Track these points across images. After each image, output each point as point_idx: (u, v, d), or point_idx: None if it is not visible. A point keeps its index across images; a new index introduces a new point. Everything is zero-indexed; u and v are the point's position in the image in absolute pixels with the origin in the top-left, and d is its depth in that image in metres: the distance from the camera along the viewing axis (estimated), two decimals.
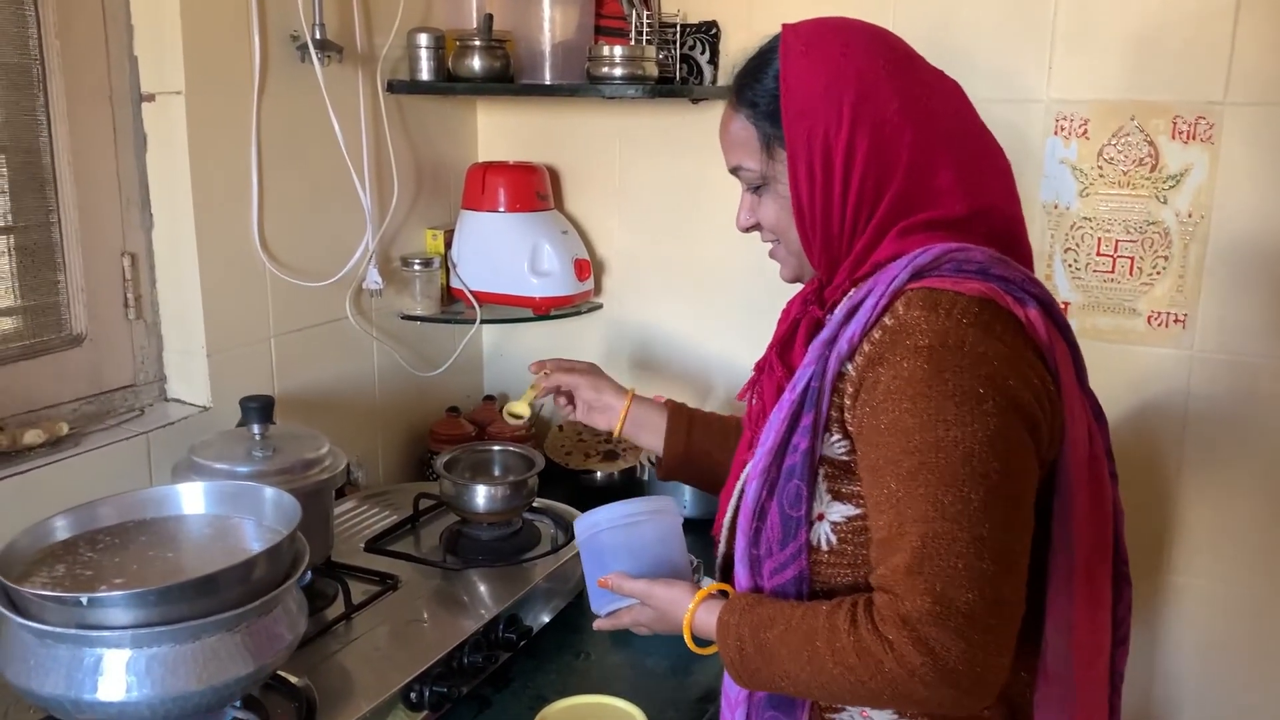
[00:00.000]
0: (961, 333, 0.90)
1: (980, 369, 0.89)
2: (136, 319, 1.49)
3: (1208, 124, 1.52)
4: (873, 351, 0.93)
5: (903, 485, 0.90)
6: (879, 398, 0.92)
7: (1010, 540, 0.90)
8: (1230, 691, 1.66)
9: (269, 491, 1.11)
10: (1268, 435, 1.56)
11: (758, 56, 1.05)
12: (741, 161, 1.05)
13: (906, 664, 0.87)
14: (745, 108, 1.04)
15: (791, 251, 1.07)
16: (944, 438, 0.88)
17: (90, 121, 1.40)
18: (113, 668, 0.92)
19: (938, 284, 0.93)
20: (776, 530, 0.99)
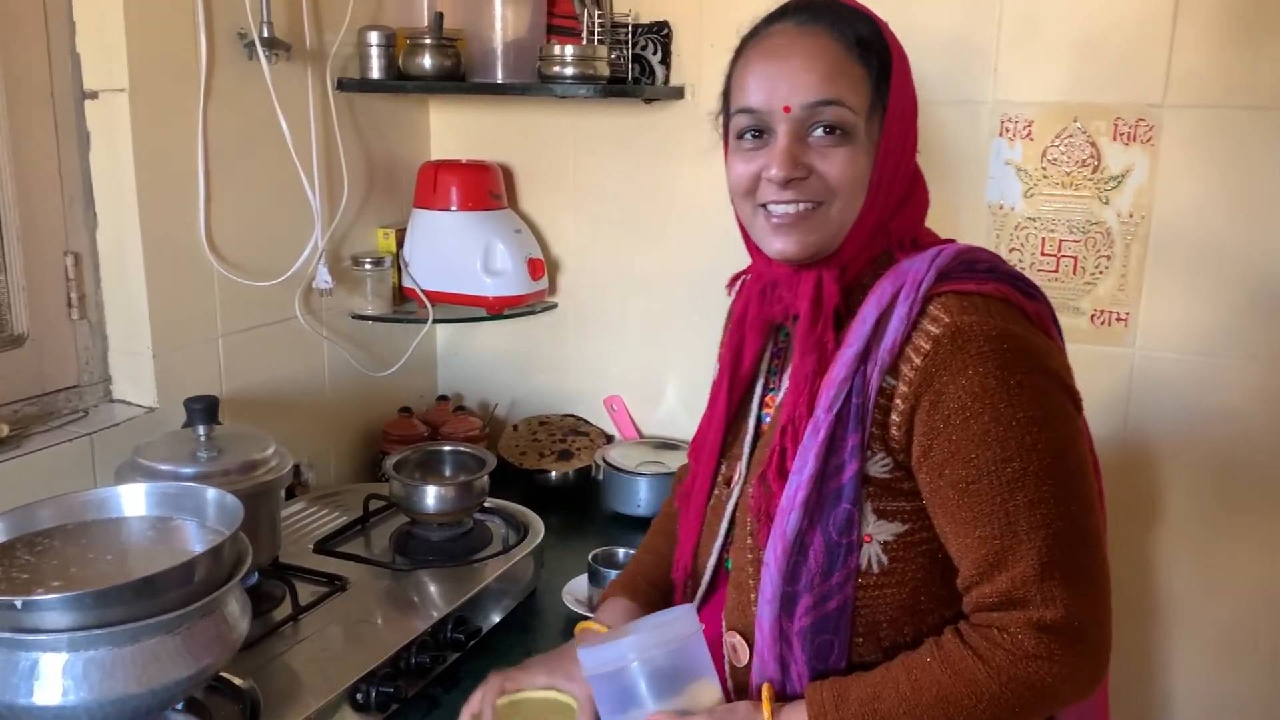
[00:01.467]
0: (1012, 332, 0.90)
1: (1039, 364, 0.90)
2: (80, 319, 1.47)
3: (1147, 126, 1.55)
4: (927, 364, 0.90)
5: (1006, 494, 0.88)
6: (949, 411, 0.89)
7: (1099, 519, 0.94)
8: (1161, 668, 1.70)
9: (211, 493, 1.11)
10: (1205, 430, 1.60)
11: (848, 6, 0.98)
12: (844, 98, 0.94)
13: (1068, 668, 0.88)
14: (856, 45, 0.95)
15: (840, 219, 0.97)
16: (1038, 439, 0.88)
17: (31, 119, 1.38)
18: (49, 671, 0.92)
19: (962, 287, 0.93)
20: (820, 561, 0.94)
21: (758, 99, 0.96)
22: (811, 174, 0.95)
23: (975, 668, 0.89)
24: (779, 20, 0.99)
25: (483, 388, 2.07)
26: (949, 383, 0.89)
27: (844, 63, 0.94)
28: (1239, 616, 1.63)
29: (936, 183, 1.06)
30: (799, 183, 0.95)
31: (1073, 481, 0.90)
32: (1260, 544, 1.60)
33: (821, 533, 0.94)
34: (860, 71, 0.95)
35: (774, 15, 1.00)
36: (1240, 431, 1.58)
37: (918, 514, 0.95)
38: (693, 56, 1.80)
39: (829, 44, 0.94)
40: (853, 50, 0.95)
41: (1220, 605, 1.64)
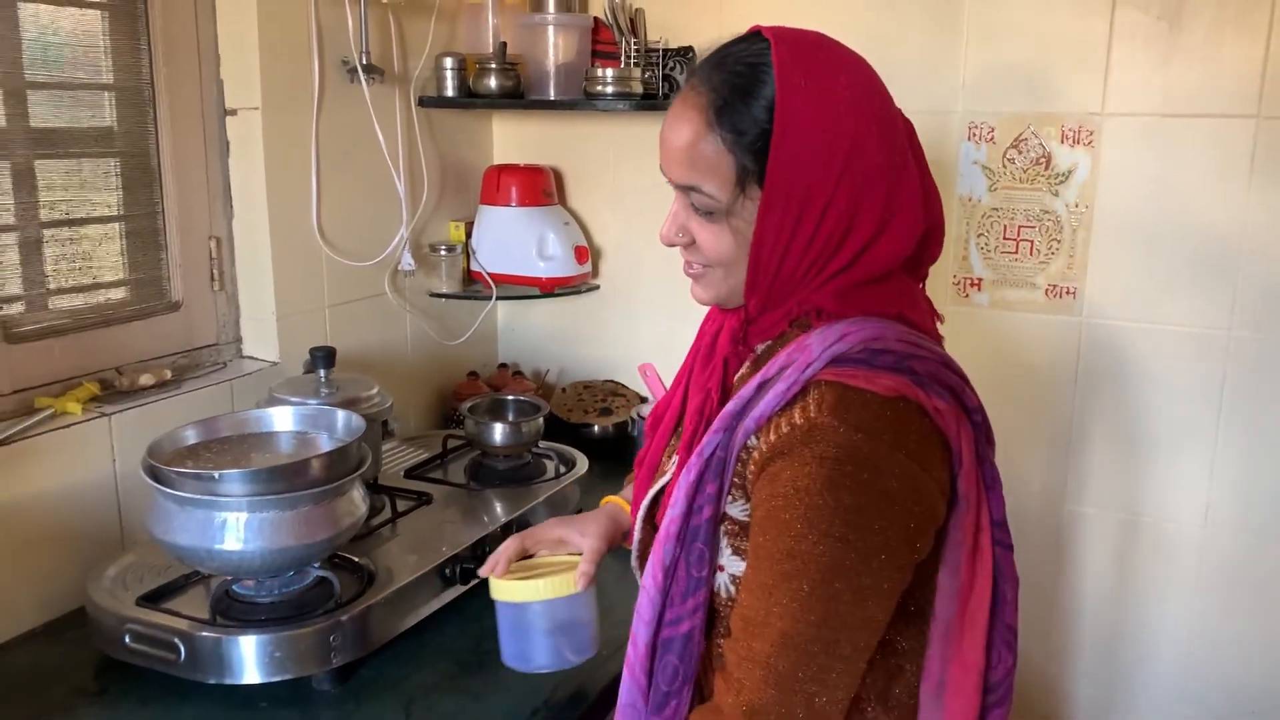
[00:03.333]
0: (867, 448, 0.88)
1: (877, 486, 0.89)
2: (220, 290, 1.83)
3: (1089, 131, 1.86)
4: (779, 444, 0.91)
5: (779, 580, 0.91)
6: (778, 492, 0.91)
7: (864, 638, 0.93)
8: (1115, 599, 2.00)
9: (340, 413, 1.46)
10: (1141, 386, 1.90)
11: (746, 73, 0.93)
12: (702, 185, 0.95)
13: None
14: (726, 132, 0.92)
15: (727, 283, 1.01)
16: (826, 553, 0.89)
17: (187, 132, 1.75)
18: (233, 526, 1.26)
19: (851, 379, 0.90)
20: (681, 585, 1.00)
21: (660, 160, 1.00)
22: (694, 240, 1.00)
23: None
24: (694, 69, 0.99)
25: (536, 357, 2.42)
26: (784, 469, 0.91)
27: (702, 142, 0.93)
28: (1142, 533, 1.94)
29: None
30: (688, 246, 1.01)
31: (843, 601, 0.90)
32: (1163, 474, 1.90)
33: (684, 562, 0.99)
34: (721, 153, 0.93)
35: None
36: (1167, 384, 1.88)
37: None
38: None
39: (693, 119, 0.93)
40: (713, 126, 0.93)
41: (1119, 522, 1.94)
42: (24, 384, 1.53)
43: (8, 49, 1.50)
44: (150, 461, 1.30)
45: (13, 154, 1.53)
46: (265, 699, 1.30)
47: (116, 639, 1.32)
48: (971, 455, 0.97)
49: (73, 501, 1.51)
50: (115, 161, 1.68)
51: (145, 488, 1.33)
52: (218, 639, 1.28)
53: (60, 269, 1.62)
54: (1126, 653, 2.00)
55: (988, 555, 1.00)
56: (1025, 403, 1.97)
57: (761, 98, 0.91)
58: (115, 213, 1.69)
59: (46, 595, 1.48)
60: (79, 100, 1.63)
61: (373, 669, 1.37)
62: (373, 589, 1.40)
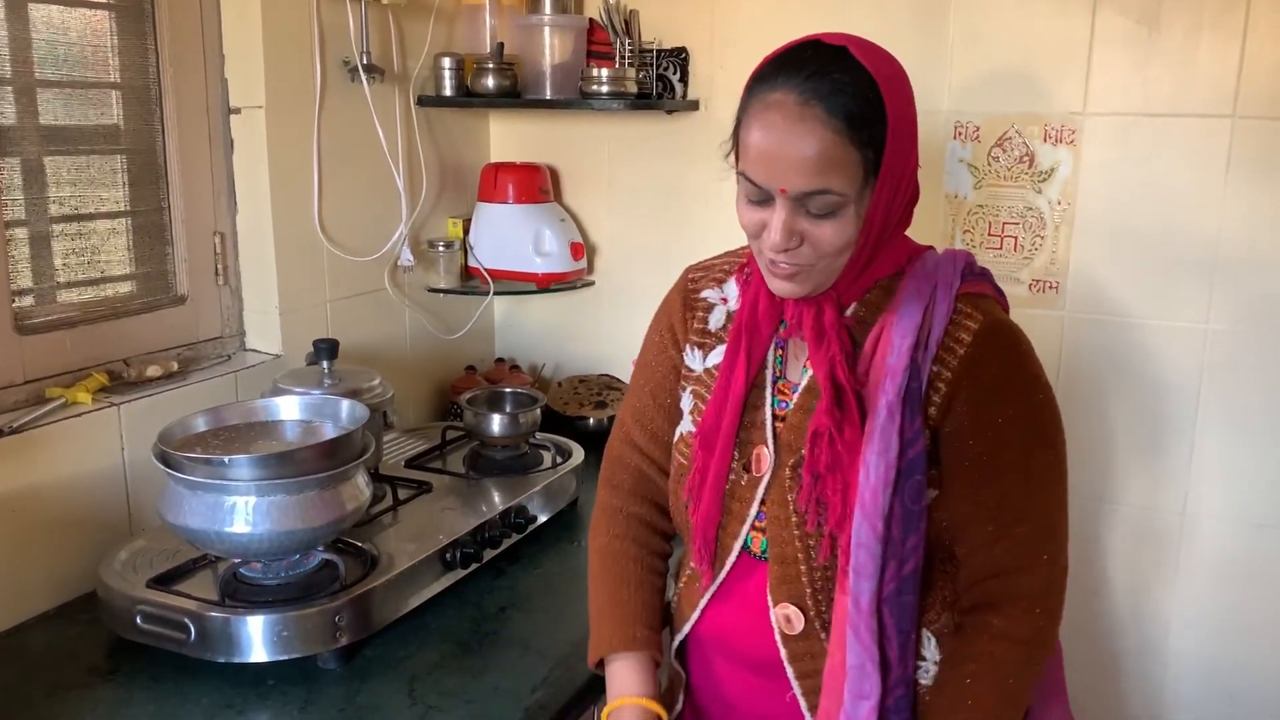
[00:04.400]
0: (1022, 332, 1.09)
1: (1036, 356, 1.10)
2: (224, 285, 1.88)
3: (1070, 130, 1.91)
4: (970, 352, 1.04)
5: (1030, 467, 1.07)
6: (983, 391, 1.04)
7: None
8: (1095, 587, 2.05)
9: (345, 402, 1.51)
10: (1123, 376, 1.95)
11: (851, 82, 0.99)
12: (832, 186, 0.99)
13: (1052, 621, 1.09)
14: (849, 129, 0.98)
15: (832, 270, 1.06)
16: (1053, 423, 1.09)
17: (192, 129, 1.79)
18: (241, 510, 1.31)
19: (976, 289, 1.09)
20: (899, 529, 1.05)
21: (759, 174, 1.02)
22: (804, 241, 1.03)
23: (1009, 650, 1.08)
24: (782, 83, 1.00)
25: (532, 352, 2.47)
26: (982, 367, 1.04)
27: (835, 150, 0.98)
28: (1129, 526, 1.99)
29: None
30: (793, 250, 1.04)
31: (1063, 466, 1.09)
32: (1143, 465, 1.95)
33: (899, 503, 1.04)
34: (853, 156, 0.99)
35: (779, 70, 1.02)
36: (1146, 377, 1.93)
37: (934, 483, 1.09)
38: (706, 76, 2.18)
39: (822, 132, 0.97)
40: (844, 135, 0.98)
41: (1113, 514, 2.00)
42: (35, 375, 1.57)
43: (19, 48, 1.55)
44: (162, 448, 1.35)
45: (23, 150, 1.57)
46: (273, 677, 1.34)
47: (128, 620, 1.37)
48: None
49: (83, 488, 1.55)
50: (122, 158, 1.73)
51: (154, 475, 1.38)
52: (226, 619, 1.33)
53: (69, 263, 1.66)
54: (1114, 642, 2.05)
55: None
56: None
57: (877, 101, 1.01)
58: (122, 208, 1.73)
59: (59, 579, 1.52)
60: (87, 98, 1.67)
61: (376, 649, 1.42)
62: (376, 572, 1.44)
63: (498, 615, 1.52)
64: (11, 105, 1.55)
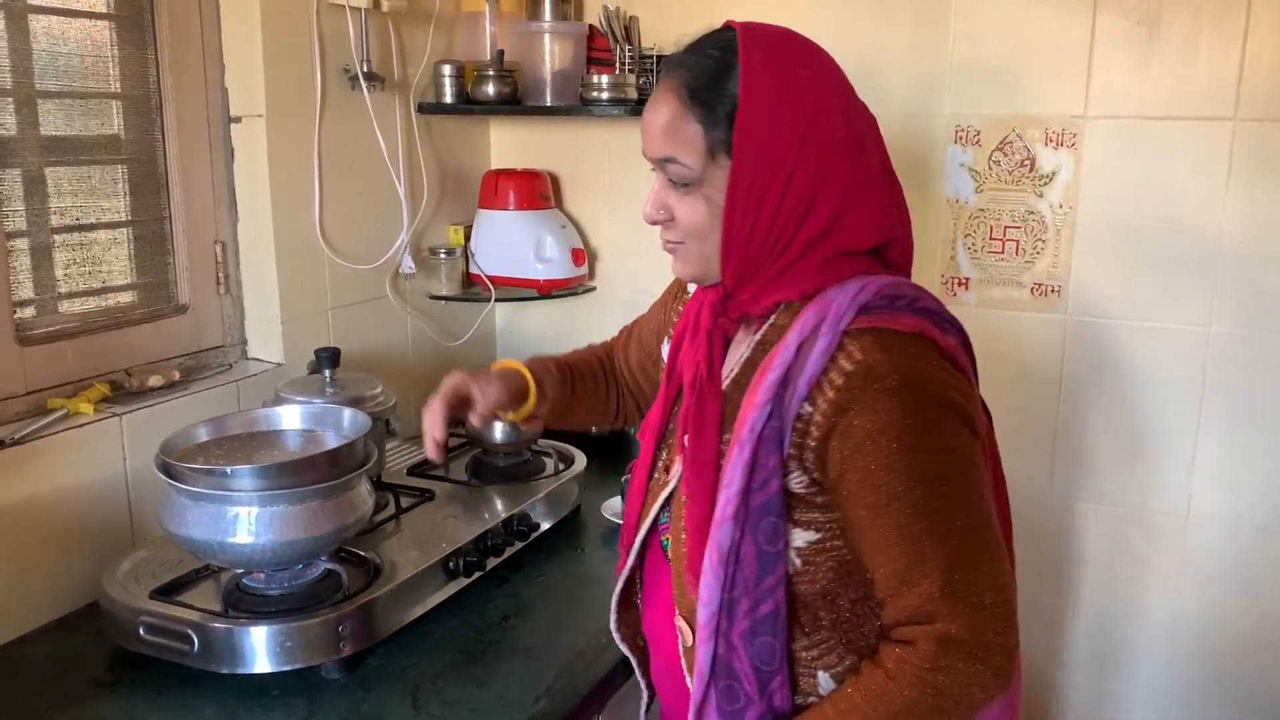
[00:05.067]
0: (918, 369, 0.96)
1: (940, 397, 0.96)
2: (225, 294, 1.87)
3: (1071, 134, 1.91)
4: (839, 398, 0.95)
5: (914, 517, 0.94)
6: (859, 441, 0.95)
7: (997, 532, 0.99)
8: (1103, 590, 2.04)
9: (346, 411, 1.50)
10: (1125, 381, 1.95)
11: (714, 55, 1.00)
12: (678, 155, 1.01)
13: (972, 674, 0.95)
14: (698, 106, 1.00)
15: (702, 254, 1.06)
16: (939, 467, 0.95)
17: (193, 139, 1.79)
18: (244, 520, 1.31)
19: (879, 323, 0.97)
20: (753, 568, 1.01)
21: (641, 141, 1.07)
22: (673, 216, 1.06)
23: (887, 685, 0.97)
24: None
25: None
26: (858, 415, 0.95)
27: (678, 118, 1.00)
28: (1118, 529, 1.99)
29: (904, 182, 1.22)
30: (666, 224, 1.07)
31: (970, 503, 0.96)
32: (1147, 467, 1.95)
33: (752, 542, 1.01)
34: (693, 128, 1.00)
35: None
36: (1149, 379, 1.93)
37: (829, 525, 1.02)
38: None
39: (669, 100, 1.01)
40: (685, 104, 1.00)
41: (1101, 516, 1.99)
42: (37, 385, 1.57)
43: (19, 59, 1.55)
44: (164, 458, 1.34)
45: (24, 162, 1.57)
46: (276, 688, 1.34)
47: (131, 631, 1.37)
48: (977, 388, 1.08)
49: (85, 499, 1.55)
50: (123, 168, 1.73)
51: (156, 485, 1.38)
52: (229, 629, 1.32)
53: (70, 273, 1.66)
54: (1117, 643, 2.05)
55: (1002, 472, 1.13)
56: (1012, 399, 2.01)
57: (729, 75, 0.99)
58: (123, 218, 1.73)
59: (60, 590, 1.52)
60: (88, 109, 1.67)
61: (380, 658, 1.41)
62: (379, 581, 1.44)
63: (501, 624, 1.52)
64: (12, 116, 1.55)
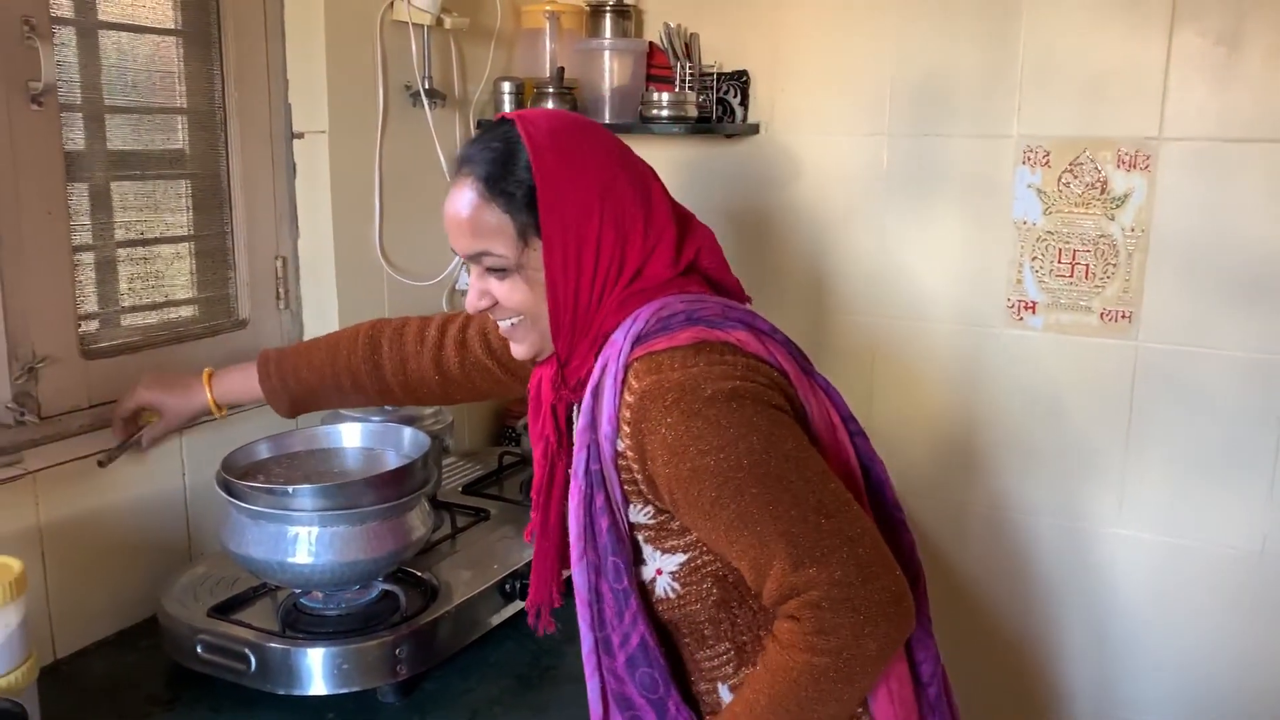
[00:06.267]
0: (688, 375, 0.99)
1: (721, 387, 0.98)
2: (285, 309, 1.88)
3: (1145, 156, 1.86)
4: (633, 428, 1.00)
5: (739, 505, 0.97)
6: (664, 458, 0.99)
7: (833, 487, 1.00)
8: (1165, 625, 1.98)
9: (407, 430, 1.50)
10: (1199, 408, 1.89)
11: (498, 146, 1.06)
12: (491, 248, 1.06)
13: (855, 627, 0.96)
14: (498, 198, 1.05)
15: (536, 330, 1.10)
16: (738, 455, 0.96)
17: (255, 154, 1.80)
18: (304, 540, 1.30)
19: (652, 346, 1.02)
20: (611, 606, 1.06)
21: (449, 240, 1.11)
22: (496, 302, 1.10)
23: (785, 658, 0.99)
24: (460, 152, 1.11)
25: None
26: (650, 436, 0.99)
27: (481, 212, 1.05)
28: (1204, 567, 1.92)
29: (971, 204, 1.16)
30: (495, 307, 1.11)
31: (786, 474, 0.97)
32: (1219, 500, 1.88)
33: (606, 583, 1.06)
34: (499, 217, 1.05)
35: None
36: (1223, 408, 1.87)
37: (692, 545, 1.06)
38: (767, 98, 2.15)
39: (479, 205, 1.05)
40: (486, 196, 1.05)
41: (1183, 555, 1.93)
42: (100, 399, 1.57)
43: (89, 74, 1.56)
44: (225, 476, 1.34)
45: (92, 176, 1.58)
46: (332, 710, 1.33)
47: (188, 649, 1.36)
48: (794, 365, 1.07)
49: (144, 514, 1.55)
50: (187, 183, 1.73)
51: (214, 501, 1.37)
52: (286, 650, 1.31)
53: (134, 287, 1.67)
54: (1176, 674, 1.98)
55: (848, 445, 1.10)
56: (1079, 426, 1.97)
57: (519, 162, 1.05)
58: (186, 233, 1.74)
59: (120, 604, 1.52)
60: (154, 124, 1.68)
61: (436, 682, 1.39)
62: (436, 603, 1.43)
63: (556, 649, 1.50)
64: (81, 131, 1.56)
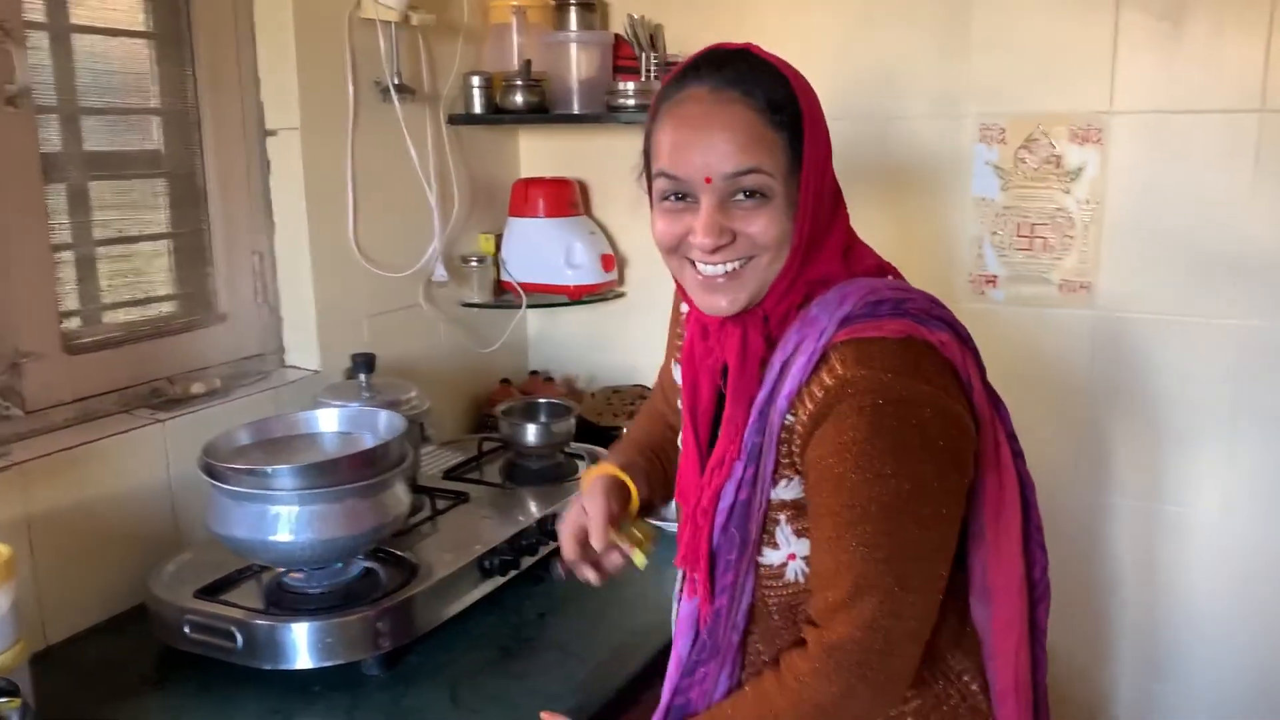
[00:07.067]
0: (897, 386, 0.95)
1: (913, 419, 0.95)
2: (263, 303, 1.91)
3: (1097, 130, 1.91)
4: (817, 410, 0.97)
5: (842, 531, 0.96)
6: (826, 451, 0.96)
7: (933, 567, 0.99)
8: (1137, 588, 2.03)
9: (383, 413, 1.54)
10: (1157, 377, 1.94)
11: (758, 65, 1.01)
12: (762, 164, 0.98)
13: (845, 687, 0.98)
14: (769, 111, 0.98)
15: (763, 274, 1.02)
16: (882, 492, 0.94)
17: (230, 152, 1.83)
18: (285, 519, 1.34)
19: (863, 332, 0.97)
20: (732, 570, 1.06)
21: (679, 168, 0.99)
22: (736, 237, 1.00)
23: (771, 684, 1.02)
24: (692, 82, 1.01)
25: (566, 364, 2.49)
26: (830, 427, 0.96)
27: (759, 130, 0.98)
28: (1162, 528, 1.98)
29: (931, 182, 1.21)
30: (725, 247, 1.00)
31: (905, 532, 0.96)
32: (1181, 464, 1.94)
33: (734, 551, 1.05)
34: (774, 137, 0.98)
35: (686, 75, 1.02)
36: (1181, 375, 1.92)
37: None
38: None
39: (743, 113, 0.97)
40: (765, 116, 0.98)
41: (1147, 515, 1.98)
42: (84, 393, 1.61)
43: (63, 77, 1.60)
44: (207, 460, 1.38)
45: (69, 176, 1.62)
46: (318, 683, 1.37)
47: (177, 630, 1.40)
48: (978, 377, 1.04)
49: (131, 503, 1.59)
50: (163, 182, 1.77)
51: (199, 489, 1.41)
52: (272, 627, 1.35)
53: (114, 284, 1.71)
54: (1156, 640, 2.04)
55: (1010, 465, 1.07)
56: (1042, 396, 2.01)
57: (782, 83, 1.00)
58: (164, 230, 1.78)
59: (109, 592, 1.56)
60: (129, 125, 1.72)
61: (419, 655, 1.44)
62: (416, 579, 1.47)
63: (537, 621, 1.54)
64: (57, 133, 1.60)
